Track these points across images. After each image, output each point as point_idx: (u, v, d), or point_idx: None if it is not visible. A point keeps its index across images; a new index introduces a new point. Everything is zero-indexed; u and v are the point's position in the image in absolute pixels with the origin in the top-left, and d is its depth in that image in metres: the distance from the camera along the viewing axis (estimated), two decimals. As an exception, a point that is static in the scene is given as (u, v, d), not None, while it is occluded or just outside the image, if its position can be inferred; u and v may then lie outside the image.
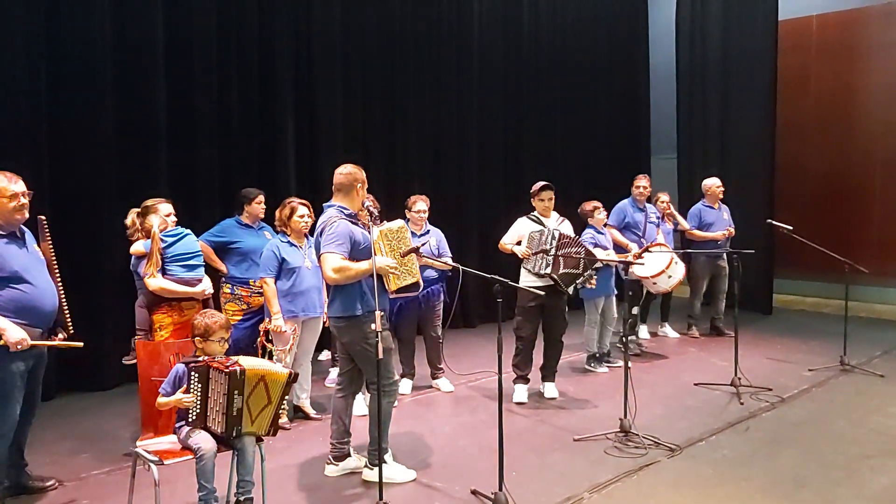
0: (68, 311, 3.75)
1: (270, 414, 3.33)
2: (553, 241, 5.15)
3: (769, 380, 5.73)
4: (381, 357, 3.50)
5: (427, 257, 4.58)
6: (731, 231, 7.49)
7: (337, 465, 4.02)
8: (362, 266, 3.69)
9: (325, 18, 7.00)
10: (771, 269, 9.05)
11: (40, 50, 5.31)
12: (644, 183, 6.96)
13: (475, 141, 8.42)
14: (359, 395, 4.31)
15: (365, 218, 4.11)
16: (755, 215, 8.23)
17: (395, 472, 3.93)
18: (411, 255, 4.00)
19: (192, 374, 3.25)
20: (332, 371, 5.77)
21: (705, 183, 7.70)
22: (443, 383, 5.75)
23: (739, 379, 5.50)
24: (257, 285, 4.96)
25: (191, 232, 4.59)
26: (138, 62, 5.77)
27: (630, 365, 4.67)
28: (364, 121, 7.44)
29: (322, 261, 3.74)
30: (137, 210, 4.53)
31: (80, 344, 3.60)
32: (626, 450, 4.35)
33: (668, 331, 7.74)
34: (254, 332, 4.98)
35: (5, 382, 3.35)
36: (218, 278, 5.18)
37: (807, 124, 9.95)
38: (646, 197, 7.00)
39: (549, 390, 5.50)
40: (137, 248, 4.41)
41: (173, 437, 3.38)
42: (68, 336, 3.72)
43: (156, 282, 4.28)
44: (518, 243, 5.39)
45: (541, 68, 9.19)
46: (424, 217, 5.54)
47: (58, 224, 4.52)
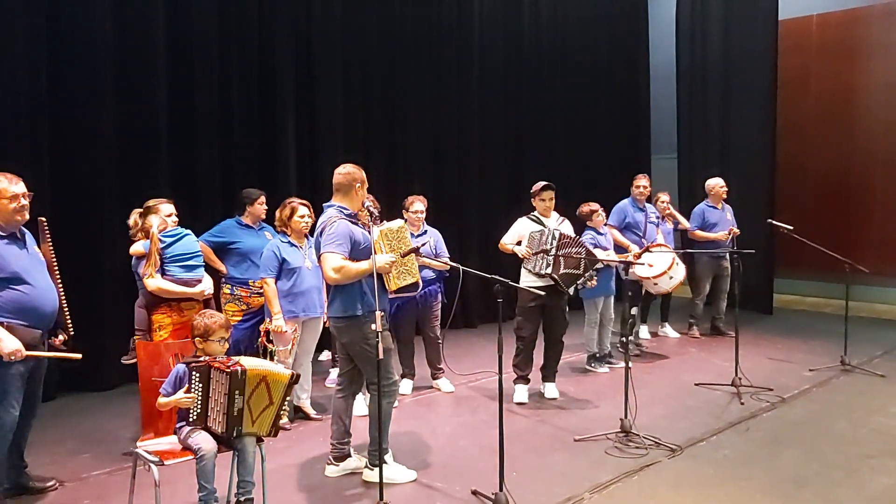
0: (68, 312, 3.75)
1: (272, 415, 3.33)
2: (553, 242, 5.15)
3: (770, 380, 5.73)
4: (381, 357, 3.50)
5: (427, 257, 4.58)
6: (736, 231, 7.43)
7: (337, 466, 4.02)
8: (362, 266, 3.69)
9: (325, 18, 6.99)
10: (771, 269, 9.03)
11: (40, 50, 5.31)
12: (644, 183, 6.94)
13: (475, 141, 8.41)
14: (359, 396, 4.31)
15: (365, 218, 4.11)
16: (755, 215, 8.21)
17: (396, 473, 3.92)
18: (411, 255, 4.00)
19: (194, 373, 3.25)
20: (332, 371, 5.77)
21: (709, 183, 7.66)
22: (443, 383, 5.74)
23: (740, 379, 5.50)
24: (257, 286, 4.96)
25: (190, 232, 4.58)
26: (139, 62, 5.77)
27: (630, 365, 4.67)
28: (364, 121, 7.44)
29: (322, 261, 3.74)
30: (140, 210, 4.53)
31: (79, 356, 3.57)
32: (626, 450, 4.35)
33: (669, 331, 7.73)
34: (253, 333, 4.98)
35: (4, 384, 3.35)
36: (218, 279, 5.18)
37: (807, 124, 9.94)
38: (646, 197, 6.99)
39: (550, 390, 5.50)
40: (137, 248, 4.41)
41: (173, 438, 3.38)
42: (69, 337, 3.72)
43: (154, 282, 4.28)
44: (518, 243, 5.38)
45: (541, 68, 9.18)
46: (422, 217, 5.53)
47: (58, 224, 4.52)
